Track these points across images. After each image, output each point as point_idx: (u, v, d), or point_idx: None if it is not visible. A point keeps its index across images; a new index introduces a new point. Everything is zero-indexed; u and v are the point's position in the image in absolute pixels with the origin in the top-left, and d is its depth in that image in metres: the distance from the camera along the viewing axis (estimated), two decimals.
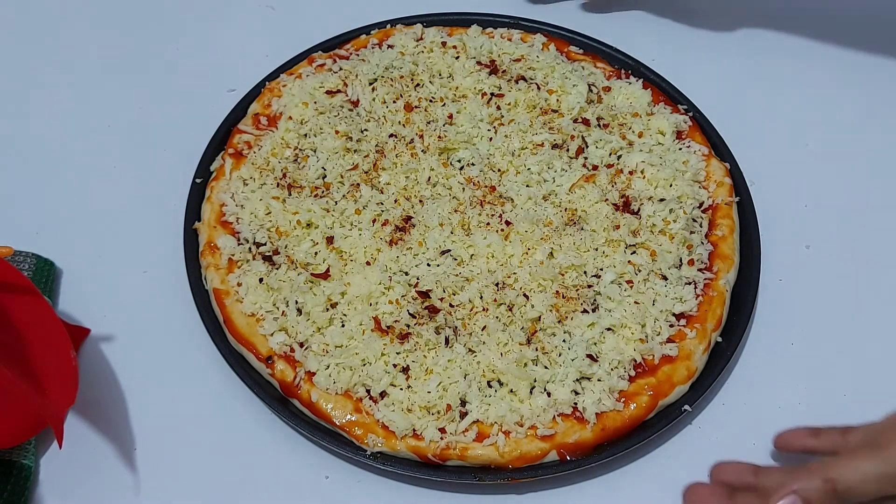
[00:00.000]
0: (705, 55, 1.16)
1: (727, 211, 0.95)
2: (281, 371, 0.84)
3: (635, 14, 1.21)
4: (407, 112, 1.00)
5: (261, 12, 1.21)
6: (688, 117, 1.02)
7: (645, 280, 0.89)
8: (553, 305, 0.86)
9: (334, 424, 0.81)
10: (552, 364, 0.83)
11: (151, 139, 1.06)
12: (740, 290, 0.91)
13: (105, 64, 1.14)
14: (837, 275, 0.97)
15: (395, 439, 0.80)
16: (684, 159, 0.98)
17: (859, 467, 0.68)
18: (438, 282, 0.88)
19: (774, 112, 1.10)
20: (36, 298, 0.80)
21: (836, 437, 0.76)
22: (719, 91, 1.09)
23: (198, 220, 0.94)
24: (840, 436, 0.76)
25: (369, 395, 0.82)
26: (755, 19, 1.21)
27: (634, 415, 0.82)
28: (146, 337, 0.91)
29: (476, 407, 0.81)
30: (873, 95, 1.12)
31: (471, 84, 1.03)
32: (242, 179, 0.95)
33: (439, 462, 0.80)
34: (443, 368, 0.82)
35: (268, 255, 0.90)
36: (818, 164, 1.06)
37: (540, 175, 0.96)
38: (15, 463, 0.81)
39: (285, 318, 0.86)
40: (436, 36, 1.07)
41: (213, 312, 0.88)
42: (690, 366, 0.85)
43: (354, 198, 0.94)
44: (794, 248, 0.99)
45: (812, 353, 0.91)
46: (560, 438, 0.80)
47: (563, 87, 1.02)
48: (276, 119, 1.01)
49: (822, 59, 1.15)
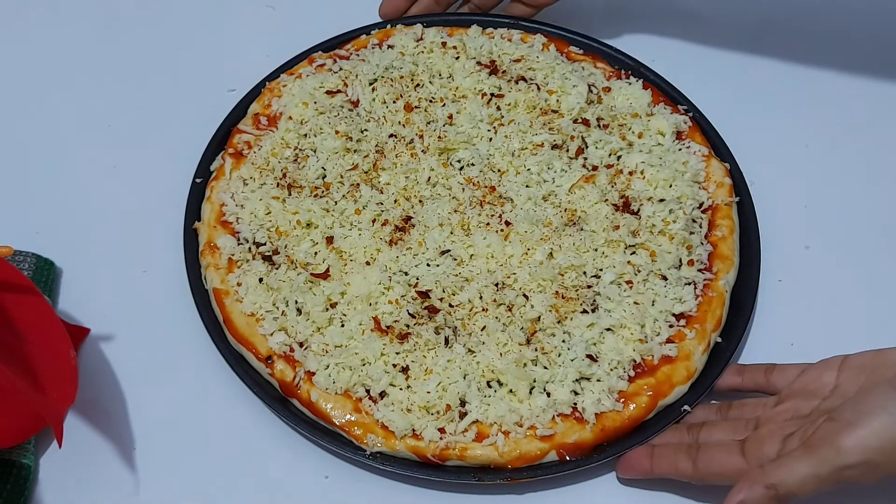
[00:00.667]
0: (705, 56, 1.16)
1: (727, 211, 0.95)
2: (280, 371, 0.84)
3: (636, 15, 1.21)
4: (407, 112, 1.00)
5: (261, 12, 1.21)
6: (688, 118, 1.02)
7: (644, 280, 0.89)
8: (552, 306, 0.86)
9: (334, 424, 0.81)
10: (552, 364, 0.83)
11: (151, 139, 1.06)
12: (740, 290, 0.91)
13: (105, 64, 1.14)
14: (837, 275, 0.97)
15: (394, 439, 0.80)
16: (684, 160, 0.98)
17: (796, 471, 0.70)
18: (438, 282, 0.88)
19: (775, 112, 1.10)
20: (36, 298, 0.80)
21: (758, 376, 0.84)
22: (719, 91, 1.09)
23: (198, 220, 0.94)
24: (763, 374, 0.83)
25: (369, 395, 0.82)
26: (755, 20, 1.21)
27: (634, 415, 0.82)
28: (146, 337, 0.91)
29: (475, 407, 0.81)
30: (873, 95, 1.12)
31: (471, 84, 1.03)
32: (242, 179, 0.95)
33: (439, 462, 0.80)
34: (442, 368, 0.82)
35: (268, 255, 0.90)
36: (818, 164, 1.06)
37: (540, 175, 0.96)
38: (15, 462, 0.81)
39: (285, 317, 0.86)
40: (436, 36, 1.07)
41: (212, 312, 0.88)
42: (690, 366, 0.85)
43: (354, 198, 0.94)
44: (794, 248, 0.99)
45: (812, 353, 0.90)
46: (559, 438, 0.80)
47: (563, 87, 1.02)
48: (276, 119, 1.01)
49: (823, 59, 1.15)
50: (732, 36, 1.18)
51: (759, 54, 1.16)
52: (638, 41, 1.12)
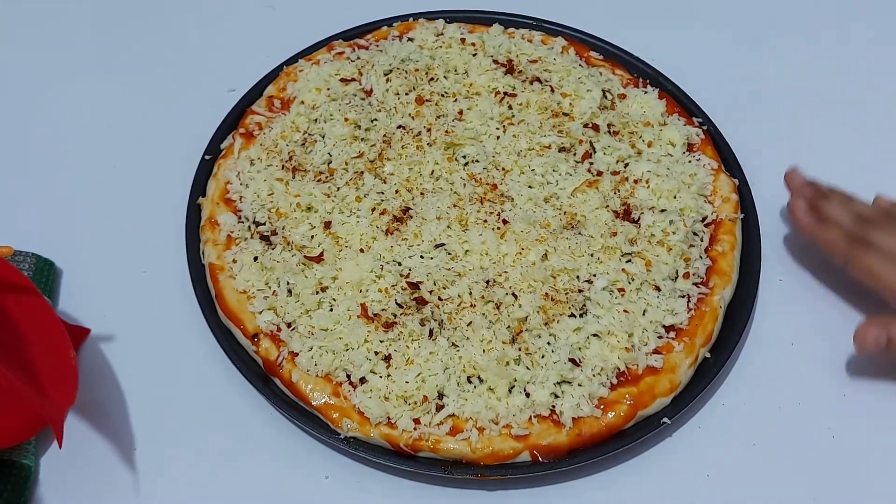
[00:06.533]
0: (728, 70, 1.15)
1: (730, 227, 0.94)
2: (265, 349, 0.85)
3: (660, 24, 1.20)
4: (418, 105, 1.01)
5: (261, 12, 1.22)
6: (701, 130, 1.01)
7: (637, 289, 0.88)
8: (541, 307, 0.86)
9: (311, 406, 0.82)
10: (534, 365, 0.83)
11: (151, 139, 1.06)
12: (736, 307, 0.90)
13: (105, 64, 1.16)
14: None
15: (369, 426, 0.80)
16: (692, 172, 0.97)
17: None
18: (430, 274, 0.88)
19: (793, 133, 1.09)
20: (36, 298, 0.80)
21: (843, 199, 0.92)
22: (739, 107, 1.08)
23: (202, 196, 0.95)
24: None
25: (349, 380, 0.83)
26: (787, 40, 1.19)
27: (612, 423, 0.81)
28: (146, 337, 0.91)
29: (453, 401, 0.81)
30: None
31: (485, 82, 1.03)
32: (250, 159, 0.97)
33: (411, 452, 0.80)
34: (424, 360, 0.83)
35: (266, 235, 0.91)
36: (821, 163, 1.01)
37: (543, 177, 0.96)
38: (15, 463, 0.80)
39: (275, 297, 0.87)
40: (455, 32, 1.08)
41: (206, 288, 0.89)
42: (674, 379, 0.84)
43: (357, 185, 0.94)
44: (794, 248, 0.98)
45: (812, 353, 0.89)
46: (534, 440, 0.80)
47: (577, 91, 1.02)
48: (290, 103, 1.02)
49: (843, 88, 1.14)
50: (761, 52, 1.18)
51: (785, 75, 1.15)
52: (661, 51, 1.10)
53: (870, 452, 0.85)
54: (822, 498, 0.82)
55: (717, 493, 0.82)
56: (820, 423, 0.86)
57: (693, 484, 0.83)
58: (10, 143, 1.06)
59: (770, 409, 0.87)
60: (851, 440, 0.85)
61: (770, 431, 0.85)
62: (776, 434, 0.85)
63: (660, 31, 1.19)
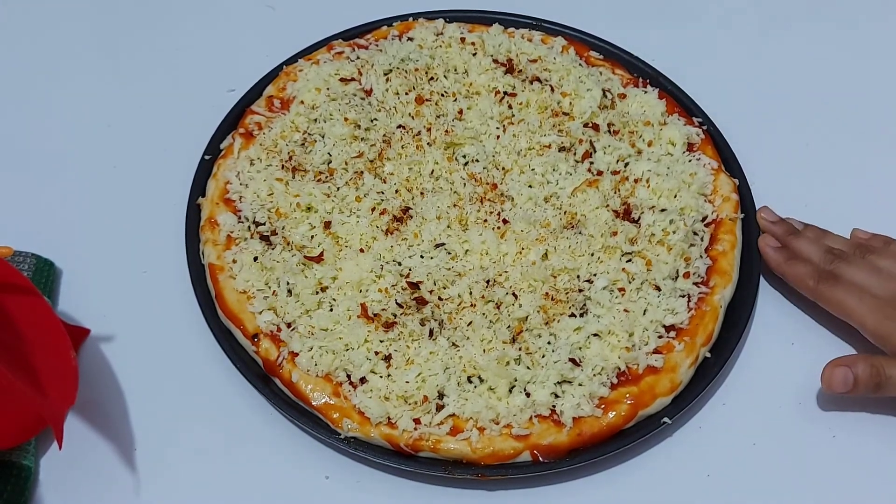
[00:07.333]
0: (729, 71, 1.15)
1: (731, 227, 0.94)
2: (265, 349, 0.85)
3: (661, 25, 1.20)
4: (418, 104, 1.01)
5: (261, 12, 1.21)
6: (701, 130, 1.01)
7: (637, 289, 0.88)
8: (541, 307, 0.86)
9: (312, 406, 0.82)
10: (534, 365, 0.83)
11: (151, 139, 1.06)
12: (736, 307, 0.90)
13: (105, 64, 1.15)
14: None
15: (369, 426, 0.80)
16: (692, 171, 0.97)
17: None
18: (430, 274, 0.88)
19: (793, 133, 1.09)
20: (36, 298, 0.79)
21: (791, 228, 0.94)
22: (739, 107, 1.08)
23: (202, 196, 0.95)
24: None
25: (349, 380, 0.82)
26: (789, 42, 1.19)
27: (612, 422, 0.81)
28: (146, 337, 0.90)
29: (453, 401, 0.81)
30: None
31: (485, 81, 1.03)
32: (250, 159, 0.97)
33: (411, 452, 0.80)
34: (424, 360, 0.82)
35: (265, 235, 0.91)
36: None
37: (543, 176, 0.95)
38: (15, 463, 0.80)
39: (275, 297, 0.87)
40: (455, 31, 1.08)
41: (206, 288, 0.89)
42: (675, 378, 0.84)
43: (356, 185, 0.94)
44: None
45: (812, 353, 0.89)
46: (534, 439, 0.80)
47: (577, 90, 1.02)
48: (290, 102, 1.02)
49: (844, 88, 1.14)
50: (762, 56, 1.18)
51: (787, 78, 1.15)
52: (661, 52, 1.10)
53: (870, 452, 0.85)
54: (822, 498, 0.82)
55: (718, 493, 0.82)
56: (820, 423, 0.86)
57: (693, 484, 0.83)
58: (10, 142, 1.06)
59: (770, 409, 0.87)
60: (851, 440, 0.85)
61: (770, 431, 0.85)
62: (776, 434, 0.85)
63: (660, 31, 1.19)
